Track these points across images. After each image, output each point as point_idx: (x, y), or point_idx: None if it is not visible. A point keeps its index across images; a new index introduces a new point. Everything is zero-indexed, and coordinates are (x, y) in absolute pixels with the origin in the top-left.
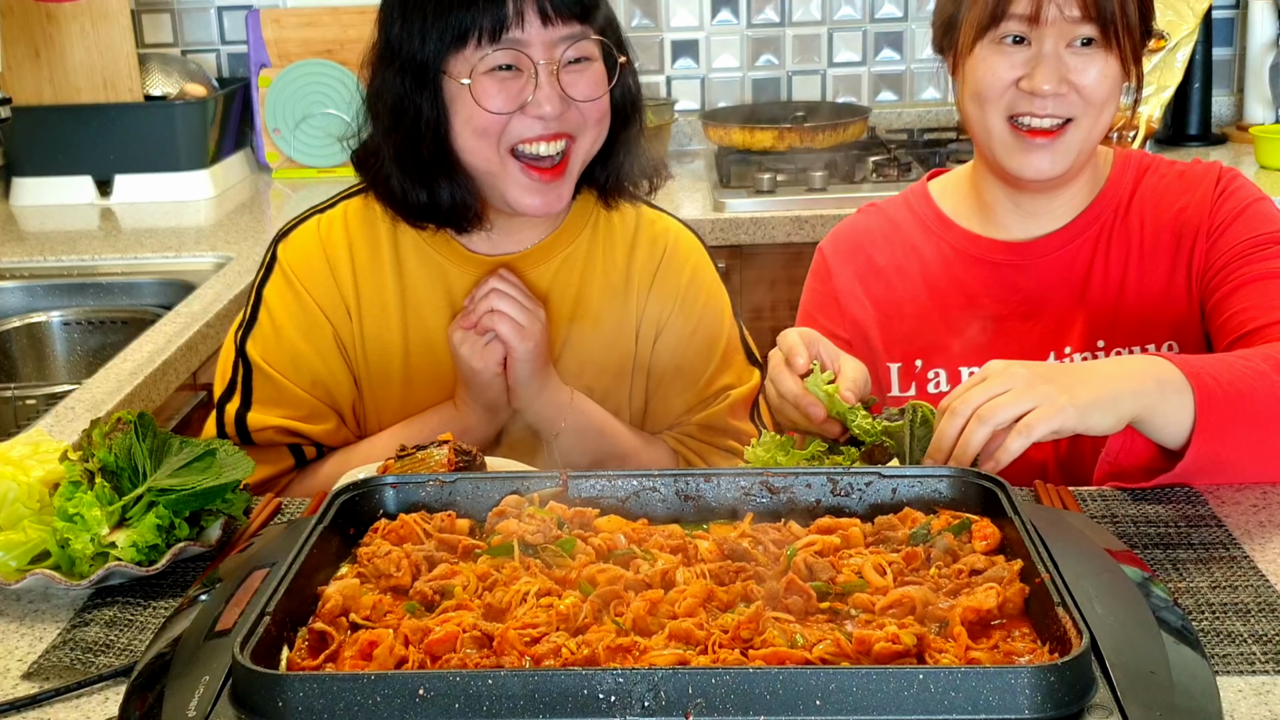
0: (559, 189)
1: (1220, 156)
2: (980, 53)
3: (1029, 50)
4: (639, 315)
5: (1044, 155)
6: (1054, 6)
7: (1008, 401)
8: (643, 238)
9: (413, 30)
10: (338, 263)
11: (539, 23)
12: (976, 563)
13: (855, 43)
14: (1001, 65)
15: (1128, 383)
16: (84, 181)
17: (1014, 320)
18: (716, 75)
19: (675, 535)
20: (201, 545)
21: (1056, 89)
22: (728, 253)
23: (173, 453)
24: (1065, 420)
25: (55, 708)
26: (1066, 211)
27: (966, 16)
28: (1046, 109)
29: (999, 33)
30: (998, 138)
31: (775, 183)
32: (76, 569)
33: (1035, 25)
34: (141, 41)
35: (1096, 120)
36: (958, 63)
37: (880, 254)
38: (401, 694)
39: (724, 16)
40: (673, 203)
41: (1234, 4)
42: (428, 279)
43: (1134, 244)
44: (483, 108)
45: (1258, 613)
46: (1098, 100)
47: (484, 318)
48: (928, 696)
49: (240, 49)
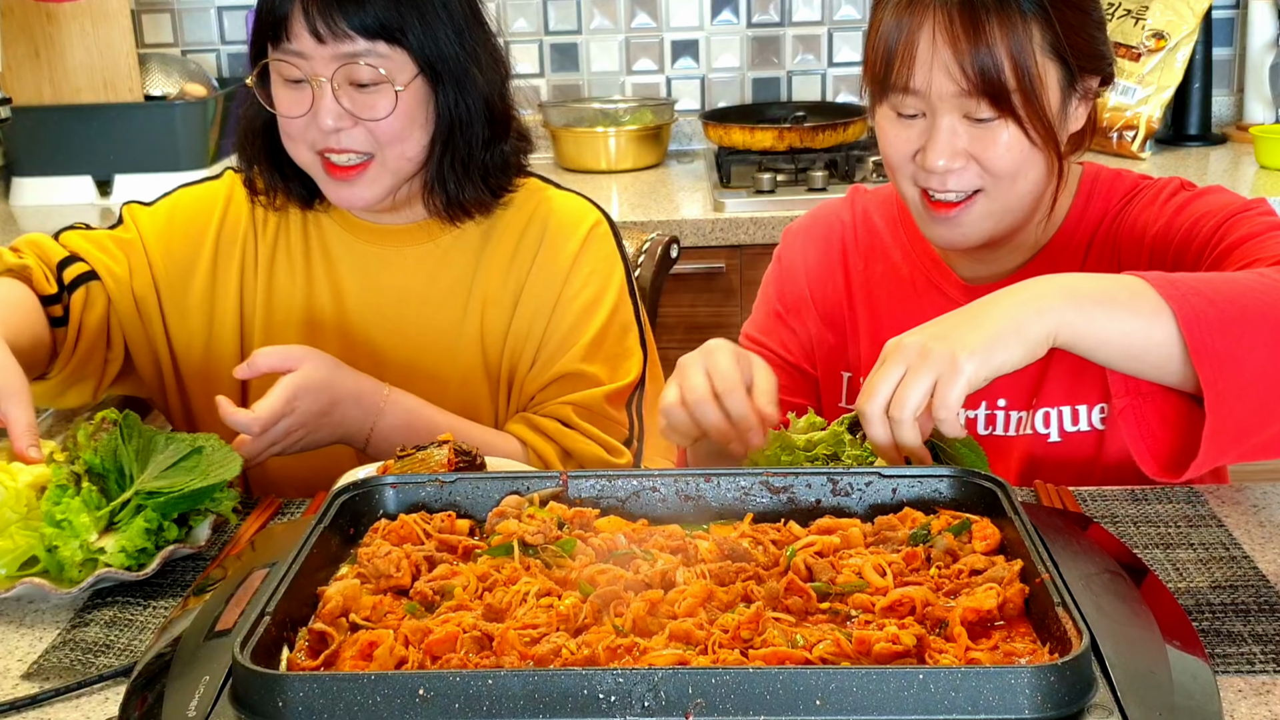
0: (365, 189)
1: (1220, 156)
2: (881, 120)
3: (924, 122)
4: (518, 290)
5: (953, 226)
6: (937, 79)
7: (909, 384)
8: (536, 217)
9: (254, 31)
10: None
11: (311, 40)
12: (976, 563)
13: (855, 43)
14: (899, 138)
15: (1029, 305)
16: (84, 181)
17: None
18: (716, 75)
19: (675, 535)
20: (191, 546)
21: (950, 164)
22: (727, 253)
23: (159, 450)
24: (969, 377)
25: (55, 708)
26: (1018, 255)
27: (864, 80)
28: (946, 184)
29: (891, 104)
30: (911, 204)
31: (775, 183)
32: (66, 575)
33: (923, 98)
34: (141, 41)
35: (1010, 189)
36: (870, 111)
37: (836, 251)
38: (401, 694)
39: (724, 16)
40: (673, 202)
41: (1234, 4)
42: (320, 245)
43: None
44: (278, 112)
45: (1258, 613)
46: (1004, 172)
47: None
48: (928, 696)
49: (240, 49)
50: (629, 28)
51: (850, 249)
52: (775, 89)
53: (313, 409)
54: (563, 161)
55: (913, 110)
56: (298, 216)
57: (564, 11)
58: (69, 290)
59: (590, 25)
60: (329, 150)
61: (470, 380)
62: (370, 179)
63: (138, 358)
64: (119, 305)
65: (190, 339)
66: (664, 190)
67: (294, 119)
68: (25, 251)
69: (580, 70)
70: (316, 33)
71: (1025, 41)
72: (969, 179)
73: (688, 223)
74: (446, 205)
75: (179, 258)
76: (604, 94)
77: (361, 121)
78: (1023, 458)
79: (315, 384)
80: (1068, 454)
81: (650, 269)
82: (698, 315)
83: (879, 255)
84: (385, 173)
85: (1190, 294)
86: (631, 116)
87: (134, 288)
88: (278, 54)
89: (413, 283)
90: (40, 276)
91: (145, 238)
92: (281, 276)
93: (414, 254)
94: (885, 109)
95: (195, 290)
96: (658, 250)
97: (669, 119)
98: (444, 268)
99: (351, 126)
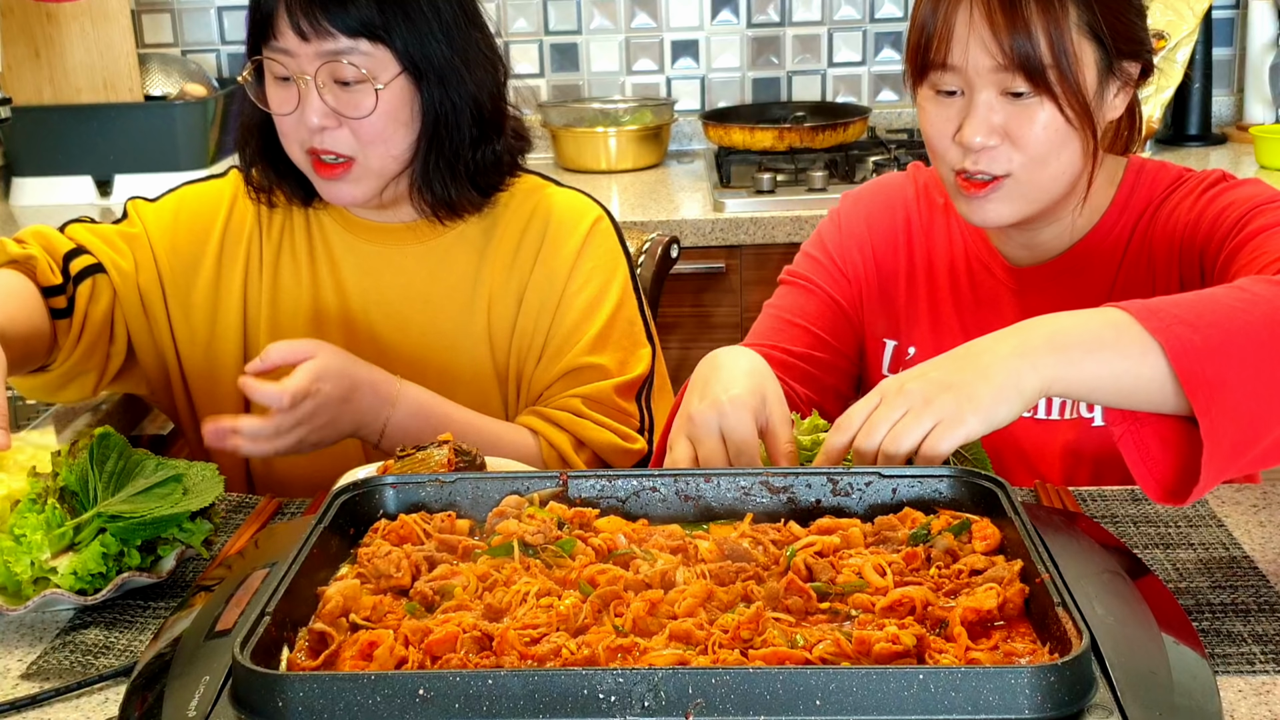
0: (351, 187)
1: (1220, 156)
2: (921, 101)
3: (963, 100)
4: (522, 287)
5: (988, 205)
6: (975, 55)
7: (909, 426)
8: (538, 214)
9: (248, 30)
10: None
11: (296, 38)
12: (976, 563)
13: (855, 43)
14: (939, 118)
15: (1025, 359)
16: (84, 181)
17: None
18: (716, 75)
19: (675, 535)
20: (152, 576)
21: (987, 141)
22: (727, 253)
23: (144, 474)
24: (969, 430)
25: (55, 708)
26: (1058, 243)
27: (906, 63)
28: (979, 164)
29: (931, 82)
30: (948, 185)
31: (775, 183)
32: (23, 592)
33: (962, 74)
34: (141, 41)
35: (1041, 172)
36: (912, 96)
37: (899, 223)
38: (401, 694)
39: (724, 16)
40: (673, 203)
41: (1234, 4)
42: (323, 242)
43: (1142, 271)
44: (270, 109)
45: (1258, 613)
46: (1038, 153)
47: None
48: (928, 696)
49: (240, 49)
50: (629, 28)
51: (914, 222)
52: (775, 89)
53: (334, 394)
54: (563, 161)
55: (951, 86)
56: (301, 215)
57: (564, 11)
58: (75, 282)
59: (590, 25)
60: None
61: (479, 378)
62: (355, 178)
63: (141, 353)
64: (124, 299)
65: (193, 335)
66: (664, 190)
67: (284, 116)
68: (30, 242)
69: (580, 70)
70: (300, 30)
71: (1062, 18)
72: (1001, 162)
73: (688, 223)
74: (434, 204)
75: (184, 254)
76: (604, 94)
77: (346, 121)
78: (1067, 442)
79: (335, 369)
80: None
81: (650, 269)
82: (698, 315)
83: (940, 231)
84: (369, 172)
85: (1174, 323)
86: (631, 116)
87: (139, 282)
88: (267, 52)
89: (415, 281)
90: (45, 267)
91: (151, 233)
92: (287, 275)
93: (415, 252)
94: (925, 89)
95: (200, 287)
96: (658, 250)
97: (669, 119)
98: (446, 266)
99: (336, 127)
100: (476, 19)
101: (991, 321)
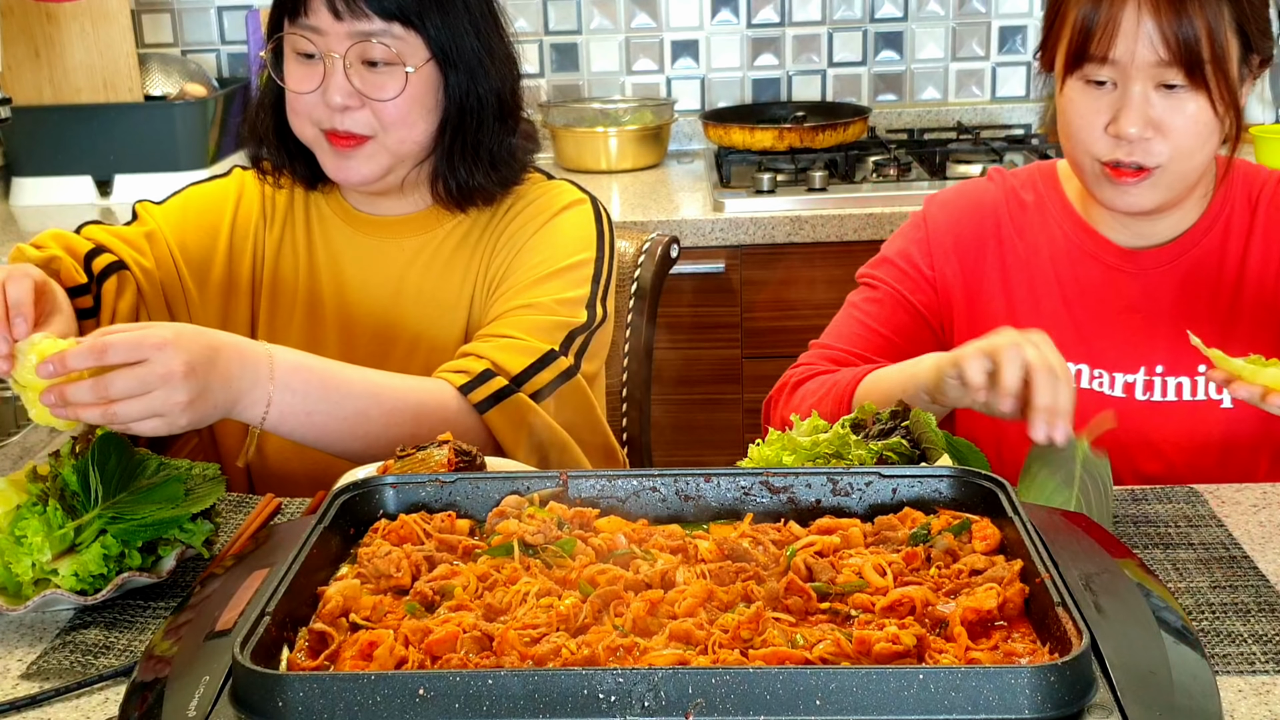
0: (362, 164)
1: None
2: (1070, 91)
3: (1116, 92)
4: (489, 253)
5: (1134, 193)
6: (1139, 48)
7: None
8: (521, 199)
9: (272, 6)
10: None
11: (329, 16)
12: (976, 563)
13: (855, 43)
14: (1089, 109)
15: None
16: (84, 181)
17: (1112, 325)
18: (716, 75)
19: (675, 535)
20: (152, 576)
21: (1142, 132)
22: (727, 253)
23: (148, 474)
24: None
25: (55, 708)
26: (1167, 231)
27: (1058, 50)
28: (1133, 155)
29: (1084, 74)
30: (1089, 172)
31: (775, 183)
32: (23, 593)
33: (1119, 67)
34: (141, 41)
35: (1187, 163)
36: (1058, 85)
37: (989, 227)
38: (401, 694)
39: (724, 16)
40: (673, 203)
41: None
42: (322, 231)
43: (1254, 252)
44: (288, 86)
45: (1258, 613)
46: (1186, 145)
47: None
48: (928, 696)
49: (240, 49)
50: (629, 28)
51: (1005, 225)
52: (775, 89)
53: (194, 348)
54: (563, 161)
55: (1104, 78)
56: (302, 209)
57: (564, 11)
58: (99, 281)
59: (590, 25)
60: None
61: None
62: (367, 154)
63: None
64: (149, 296)
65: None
66: (664, 190)
67: (303, 94)
68: (49, 245)
69: (580, 70)
70: (335, 9)
71: (1219, 14)
72: (1155, 154)
73: (688, 223)
74: (456, 191)
75: (195, 252)
76: (604, 94)
77: (369, 102)
78: (1193, 426)
79: (190, 329)
80: (1242, 420)
81: (650, 269)
82: (698, 315)
83: (1033, 230)
84: (384, 151)
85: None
86: (631, 116)
87: (161, 279)
88: (294, 28)
89: (409, 273)
90: (69, 267)
91: (165, 232)
92: (286, 267)
93: (411, 245)
94: (1075, 81)
95: (212, 283)
96: (658, 250)
97: (669, 119)
98: (439, 258)
99: (359, 107)
100: (499, 18)
101: (1108, 302)
